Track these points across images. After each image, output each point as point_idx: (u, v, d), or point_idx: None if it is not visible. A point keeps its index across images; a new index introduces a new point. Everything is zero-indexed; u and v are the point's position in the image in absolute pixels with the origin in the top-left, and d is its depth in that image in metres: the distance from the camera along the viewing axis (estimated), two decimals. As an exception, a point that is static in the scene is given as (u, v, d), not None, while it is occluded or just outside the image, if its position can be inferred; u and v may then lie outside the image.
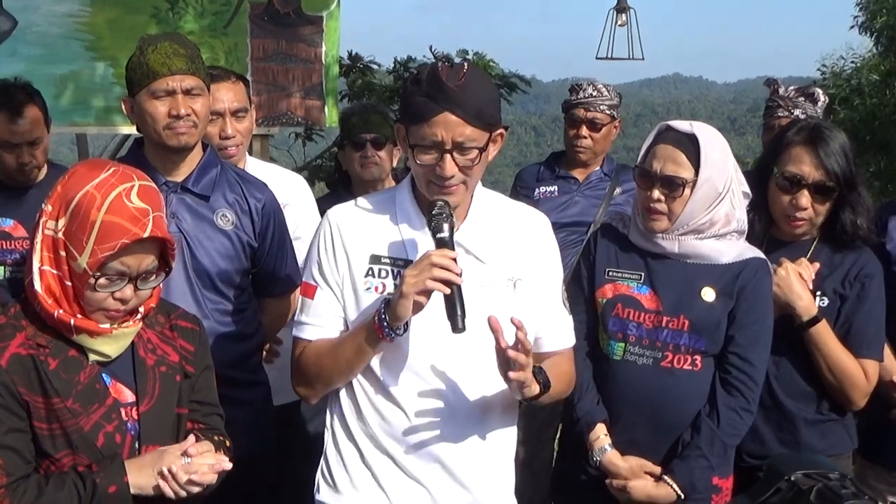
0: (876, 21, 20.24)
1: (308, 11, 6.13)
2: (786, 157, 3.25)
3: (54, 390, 2.32)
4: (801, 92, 4.55)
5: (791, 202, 3.22)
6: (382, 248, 2.63)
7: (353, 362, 2.61)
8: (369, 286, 2.61)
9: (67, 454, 2.35)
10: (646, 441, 3.06)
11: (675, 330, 3.02)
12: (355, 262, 2.63)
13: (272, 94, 6.10)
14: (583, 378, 3.10)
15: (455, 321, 2.42)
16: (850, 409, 3.31)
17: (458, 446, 2.64)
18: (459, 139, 2.48)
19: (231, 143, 3.81)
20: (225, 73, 3.94)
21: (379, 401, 2.64)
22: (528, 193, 4.89)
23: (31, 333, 2.35)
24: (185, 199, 3.21)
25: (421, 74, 2.52)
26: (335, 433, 2.72)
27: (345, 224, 2.67)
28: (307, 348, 2.67)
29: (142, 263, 2.34)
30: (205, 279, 3.25)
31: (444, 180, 2.51)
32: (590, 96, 4.82)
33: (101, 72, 5.54)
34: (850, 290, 3.24)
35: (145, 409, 2.45)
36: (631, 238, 3.17)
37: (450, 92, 2.45)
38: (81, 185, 2.31)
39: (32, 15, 5.35)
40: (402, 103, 2.62)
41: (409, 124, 2.53)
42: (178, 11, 5.69)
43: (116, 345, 2.41)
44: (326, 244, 2.66)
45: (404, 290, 2.42)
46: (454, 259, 2.44)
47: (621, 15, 9.50)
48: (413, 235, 2.63)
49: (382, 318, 2.49)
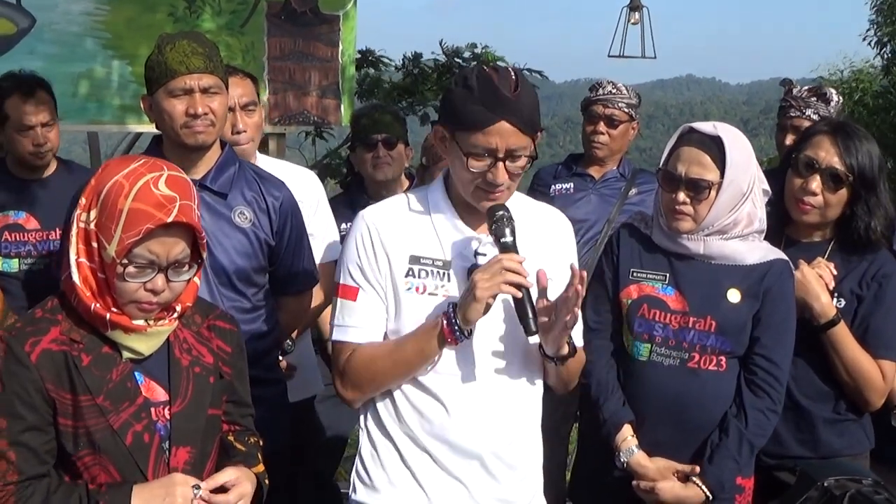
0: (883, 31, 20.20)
1: (325, 10, 6.14)
2: (807, 144, 3.26)
3: (85, 387, 2.30)
4: (813, 92, 4.54)
5: (802, 185, 3.22)
6: (421, 249, 2.63)
7: (414, 365, 2.60)
8: (410, 286, 2.62)
9: (88, 453, 2.33)
10: (671, 442, 3.06)
11: (702, 331, 3.02)
12: (395, 263, 2.62)
13: (289, 93, 6.10)
14: (608, 379, 3.11)
15: (527, 324, 2.50)
16: (868, 410, 3.31)
17: (495, 442, 2.67)
18: (513, 147, 2.51)
19: (243, 137, 3.83)
20: (233, 69, 3.97)
21: (418, 399, 2.64)
22: (545, 191, 4.89)
23: (66, 328, 2.34)
24: (203, 196, 3.21)
25: (470, 80, 2.51)
26: (371, 433, 2.71)
27: (382, 225, 2.65)
28: (357, 352, 2.64)
29: (171, 252, 2.31)
30: (222, 277, 3.26)
31: (495, 187, 2.54)
32: (609, 93, 4.82)
33: (117, 70, 5.56)
34: (867, 290, 3.23)
35: (177, 410, 2.43)
36: (654, 239, 3.16)
37: (507, 101, 2.47)
38: (111, 175, 2.32)
39: (50, 13, 5.37)
40: (450, 108, 2.57)
41: (459, 130, 2.53)
42: (196, 10, 5.70)
43: (150, 343, 2.40)
44: (366, 245, 2.64)
45: (478, 294, 2.45)
46: (521, 263, 2.49)
47: (634, 13, 9.49)
48: (449, 235, 2.65)
49: (453, 322, 2.50)
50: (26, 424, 2.29)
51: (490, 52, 10.49)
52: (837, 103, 4.51)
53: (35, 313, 2.39)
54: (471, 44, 10.68)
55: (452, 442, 2.63)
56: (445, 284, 2.62)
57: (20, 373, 2.28)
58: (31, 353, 2.29)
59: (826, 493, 2.32)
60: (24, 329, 2.34)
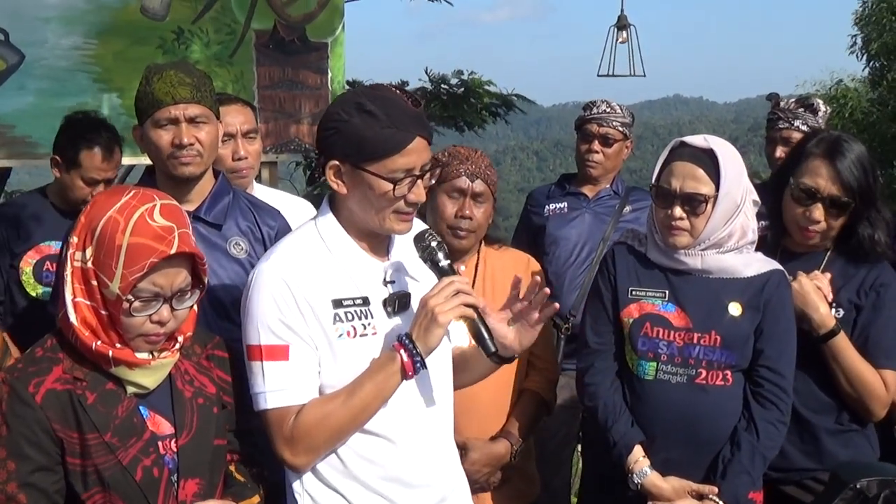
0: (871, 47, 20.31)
1: (313, 38, 6.16)
2: (803, 169, 3.24)
3: (91, 425, 2.29)
4: (800, 103, 4.58)
5: (805, 214, 3.22)
6: (339, 291, 2.50)
7: (372, 409, 2.47)
8: (341, 333, 2.47)
9: (98, 491, 2.30)
10: (682, 459, 3.04)
11: (708, 346, 3.02)
12: (320, 311, 2.46)
13: (279, 122, 6.11)
14: (614, 400, 3.10)
15: (486, 344, 2.49)
16: (870, 420, 3.29)
17: (444, 467, 2.67)
18: (426, 161, 2.51)
19: (244, 164, 3.83)
20: (233, 98, 3.98)
21: (364, 445, 2.52)
22: (539, 211, 4.90)
23: (69, 367, 2.32)
24: (197, 227, 3.18)
25: (368, 106, 2.44)
26: (312, 495, 2.54)
27: (293, 275, 2.46)
28: (304, 414, 2.44)
29: (174, 282, 2.31)
30: (218, 308, 3.23)
31: (415, 206, 2.52)
32: (603, 112, 4.84)
33: (108, 103, 5.55)
34: (866, 300, 3.23)
35: (184, 442, 2.41)
36: (650, 255, 3.15)
37: (417, 117, 2.47)
38: (103, 211, 2.30)
39: (39, 49, 5.37)
40: (352, 140, 2.45)
41: (369, 160, 2.44)
42: (185, 42, 5.71)
43: (154, 376, 2.38)
44: (285, 299, 2.44)
45: (441, 320, 2.40)
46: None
47: (622, 32, 9.53)
48: (358, 270, 2.55)
49: (414, 353, 2.42)
50: (35, 465, 2.27)
51: (477, 77, 10.50)
52: (825, 113, 4.55)
53: (35, 352, 2.36)
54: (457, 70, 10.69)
55: (406, 480, 2.56)
56: (371, 322, 2.52)
57: (26, 414, 2.26)
58: (35, 393, 2.27)
59: (860, 495, 2.28)
60: (27, 370, 2.31)
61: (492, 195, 3.51)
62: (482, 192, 3.46)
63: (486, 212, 3.48)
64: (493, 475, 3.40)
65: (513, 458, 3.40)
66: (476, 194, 3.45)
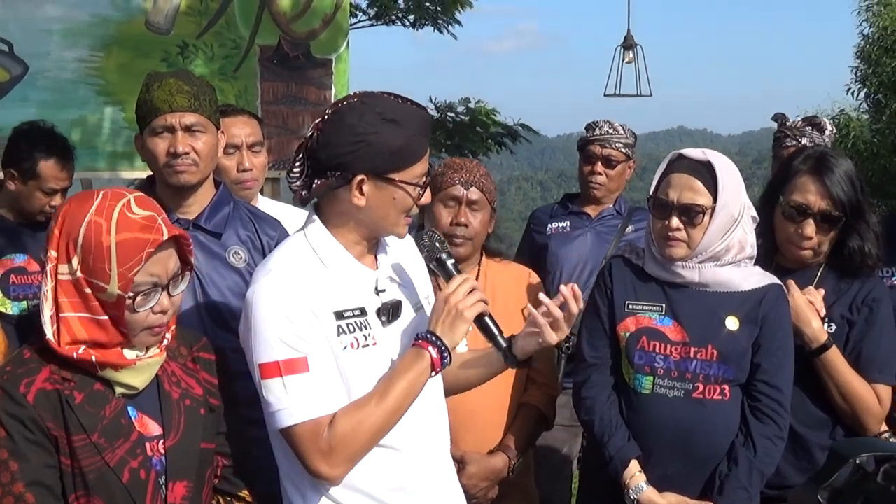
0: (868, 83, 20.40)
1: (317, 54, 6.20)
2: (792, 186, 3.25)
3: (79, 426, 2.26)
4: (808, 122, 4.63)
5: (796, 231, 3.22)
6: (339, 303, 2.47)
7: (404, 409, 2.45)
8: (345, 345, 2.44)
9: (82, 495, 2.28)
10: (679, 475, 3.01)
11: (705, 360, 2.99)
12: (325, 325, 2.43)
13: (282, 137, 6.13)
14: (610, 415, 3.07)
15: (497, 340, 2.58)
16: (865, 435, 3.25)
17: (445, 479, 2.68)
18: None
19: (248, 175, 3.82)
20: (240, 110, 3.97)
21: (369, 455, 2.46)
22: (542, 230, 4.89)
23: (55, 368, 2.30)
24: (197, 236, 3.17)
25: (389, 115, 2.42)
26: None
27: (295, 290, 2.41)
28: (338, 421, 2.37)
29: (168, 267, 2.32)
30: (217, 317, 3.21)
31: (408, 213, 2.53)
32: (606, 133, 4.83)
33: (110, 116, 5.59)
34: (858, 314, 3.22)
35: (172, 444, 2.39)
36: (647, 269, 3.14)
37: (428, 119, 2.51)
38: (80, 218, 2.28)
39: (43, 60, 5.41)
40: (382, 150, 2.42)
41: (395, 170, 2.43)
42: (188, 56, 5.75)
43: (143, 376, 2.37)
44: (296, 312, 2.38)
45: (466, 315, 2.47)
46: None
47: (628, 52, 9.53)
48: (353, 280, 2.52)
49: (443, 349, 2.45)
50: (37, 463, 2.25)
51: (483, 105, 10.54)
52: (832, 132, 4.57)
53: (23, 354, 2.35)
54: (464, 98, 10.73)
55: (410, 489, 2.55)
56: (371, 332, 2.50)
57: (20, 413, 2.24)
58: (26, 393, 2.25)
59: (859, 470, 2.26)
60: (16, 371, 2.30)
61: (489, 204, 3.52)
62: (477, 200, 3.47)
63: (483, 220, 3.49)
64: (491, 490, 3.36)
65: (510, 472, 3.36)
66: (471, 202, 3.47)
